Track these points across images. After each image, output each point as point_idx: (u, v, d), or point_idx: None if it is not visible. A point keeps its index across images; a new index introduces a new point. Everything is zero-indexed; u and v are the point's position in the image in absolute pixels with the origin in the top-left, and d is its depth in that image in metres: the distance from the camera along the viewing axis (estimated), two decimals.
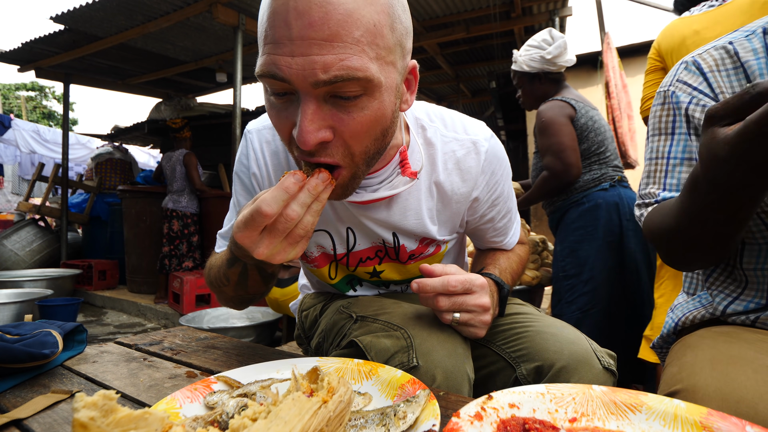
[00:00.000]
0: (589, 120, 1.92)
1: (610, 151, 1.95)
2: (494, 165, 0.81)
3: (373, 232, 0.82)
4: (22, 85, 19.97)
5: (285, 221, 0.53)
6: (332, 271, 0.88)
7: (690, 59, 0.74)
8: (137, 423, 0.37)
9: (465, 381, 0.65)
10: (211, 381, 0.57)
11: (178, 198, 4.21)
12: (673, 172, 0.74)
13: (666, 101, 0.76)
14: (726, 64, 0.70)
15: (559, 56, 1.94)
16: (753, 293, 0.70)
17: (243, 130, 0.86)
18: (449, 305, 0.67)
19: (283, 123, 0.58)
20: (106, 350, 0.82)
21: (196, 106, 6.37)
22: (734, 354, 0.60)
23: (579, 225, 1.91)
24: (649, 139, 0.81)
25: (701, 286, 0.82)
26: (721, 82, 0.70)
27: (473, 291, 0.68)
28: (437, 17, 4.03)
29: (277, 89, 0.56)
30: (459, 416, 0.41)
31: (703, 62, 0.72)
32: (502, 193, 0.86)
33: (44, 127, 8.67)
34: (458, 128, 0.81)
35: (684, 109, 0.73)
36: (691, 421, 0.41)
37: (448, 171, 0.79)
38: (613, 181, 1.91)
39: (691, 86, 0.72)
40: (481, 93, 6.69)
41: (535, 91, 2.06)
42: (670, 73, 0.77)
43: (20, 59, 4.78)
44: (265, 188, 0.80)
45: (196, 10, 3.58)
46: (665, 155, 0.76)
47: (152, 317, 4.17)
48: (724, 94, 0.69)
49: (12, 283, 4.04)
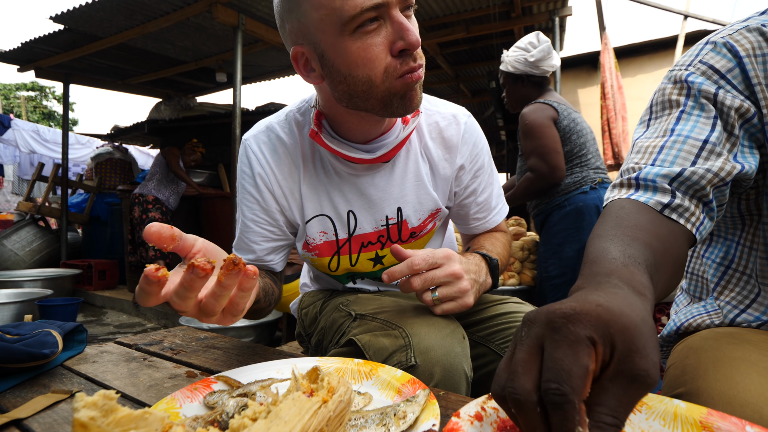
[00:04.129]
0: (571, 122, 1.94)
1: (591, 153, 1.97)
2: (474, 137, 0.90)
3: (377, 207, 0.85)
4: (22, 85, 19.97)
5: (175, 306, 0.47)
6: (333, 263, 0.89)
7: (721, 40, 0.61)
8: (137, 423, 0.37)
9: (463, 379, 0.66)
10: (211, 381, 0.57)
11: (145, 183, 4.10)
12: (671, 149, 0.60)
13: (678, 83, 0.64)
14: (763, 49, 0.58)
15: (541, 60, 1.97)
16: (764, 307, 0.68)
17: (243, 130, 0.87)
18: (421, 283, 0.69)
19: (380, 48, 0.67)
20: (106, 350, 0.82)
21: (196, 106, 6.37)
22: (738, 356, 0.59)
23: (561, 227, 1.95)
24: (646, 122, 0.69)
25: (708, 292, 0.79)
26: (759, 71, 0.58)
27: (439, 263, 0.70)
28: (437, 17, 4.03)
29: (371, 19, 0.65)
30: (459, 416, 0.41)
31: (738, 45, 0.59)
32: (483, 165, 0.92)
33: (44, 127, 8.66)
34: (439, 105, 0.91)
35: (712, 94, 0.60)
36: (691, 421, 0.41)
37: (434, 140, 0.88)
38: (594, 183, 1.93)
39: (720, 72, 0.60)
40: (481, 93, 6.69)
41: (517, 93, 2.10)
42: (690, 53, 0.65)
43: (20, 59, 4.78)
44: (272, 185, 0.84)
45: (196, 10, 3.58)
46: (667, 132, 0.62)
47: (152, 317, 4.17)
48: (762, 86, 0.58)
49: (12, 283, 4.04)
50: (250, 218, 0.85)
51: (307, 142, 0.84)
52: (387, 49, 0.67)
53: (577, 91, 4.87)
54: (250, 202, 0.85)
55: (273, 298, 0.84)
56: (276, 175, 0.84)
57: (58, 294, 3.83)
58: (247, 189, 0.85)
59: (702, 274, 0.80)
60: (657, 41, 4.27)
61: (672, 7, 4.02)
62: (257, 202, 0.84)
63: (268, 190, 0.84)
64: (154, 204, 4.06)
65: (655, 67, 4.32)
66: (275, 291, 0.85)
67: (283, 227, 0.87)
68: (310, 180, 0.84)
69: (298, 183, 0.85)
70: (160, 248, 0.46)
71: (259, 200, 0.84)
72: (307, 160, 0.84)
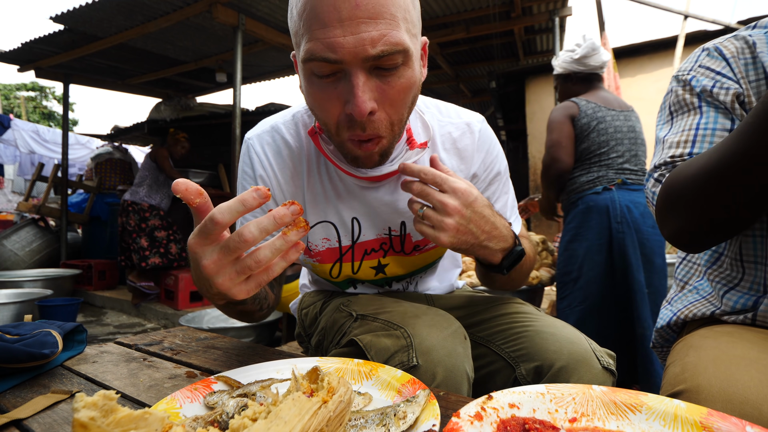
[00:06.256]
0: (593, 120, 1.95)
1: (617, 152, 1.95)
2: (488, 144, 0.86)
3: (381, 218, 0.83)
4: (22, 85, 19.96)
5: (237, 240, 0.48)
6: (335, 270, 0.88)
7: (712, 46, 0.76)
8: (137, 423, 0.37)
9: (464, 380, 0.65)
10: (211, 381, 0.57)
11: (136, 189, 4.04)
12: (702, 142, 0.71)
13: (687, 86, 0.77)
14: (745, 53, 0.73)
15: (586, 57, 2.04)
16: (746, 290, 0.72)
17: (243, 130, 0.87)
18: (416, 191, 0.67)
19: (332, 102, 0.63)
20: (106, 350, 0.82)
21: (196, 106, 6.37)
22: (737, 354, 0.60)
23: (573, 225, 2.01)
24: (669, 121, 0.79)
25: (699, 275, 0.83)
26: (742, 69, 0.72)
27: (444, 189, 0.66)
28: (437, 17, 4.03)
29: (325, 71, 0.61)
30: (459, 416, 0.41)
31: (725, 49, 0.74)
32: (499, 173, 0.88)
33: (44, 127, 8.66)
34: (452, 114, 0.86)
35: (709, 90, 0.73)
36: (692, 421, 0.41)
37: (447, 151, 0.84)
38: (610, 184, 1.93)
39: (714, 71, 0.74)
40: (481, 93, 6.69)
41: (566, 91, 2.18)
42: (689, 59, 0.79)
43: (20, 59, 4.78)
44: (274, 188, 0.81)
45: (195, 10, 3.58)
46: (693, 126, 0.73)
47: (152, 317, 4.17)
48: (745, 80, 0.71)
49: (12, 283, 4.03)
50: (250, 219, 0.84)
51: (312, 147, 0.81)
52: (341, 105, 0.63)
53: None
54: None
55: (265, 303, 0.80)
56: (279, 178, 0.81)
57: (58, 294, 3.82)
58: (247, 189, 0.83)
59: (696, 260, 0.85)
60: (657, 41, 4.27)
61: (672, 7, 4.02)
62: None
63: None
64: (151, 211, 4.03)
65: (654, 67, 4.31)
66: (268, 296, 0.81)
67: None
68: (313, 186, 0.82)
69: (301, 188, 0.82)
70: (186, 201, 0.50)
71: None
72: (312, 165, 0.82)
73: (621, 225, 1.88)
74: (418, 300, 0.93)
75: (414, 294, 0.96)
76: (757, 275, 0.70)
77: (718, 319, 0.76)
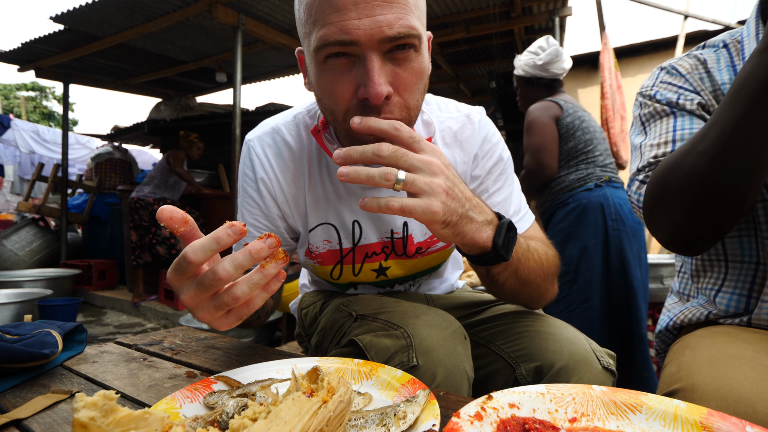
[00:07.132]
0: (576, 119, 1.94)
1: (599, 151, 1.96)
2: (486, 131, 0.86)
3: (383, 220, 0.82)
4: (22, 85, 19.96)
5: (212, 278, 0.46)
6: (336, 272, 0.88)
7: (668, 65, 0.83)
8: (137, 423, 0.37)
9: (464, 380, 0.65)
10: (211, 381, 0.57)
11: (141, 188, 4.09)
12: (681, 140, 0.74)
13: (652, 99, 0.81)
14: (699, 69, 0.79)
15: (549, 63, 2.00)
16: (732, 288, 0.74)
17: (243, 130, 0.86)
18: (391, 152, 0.53)
19: (345, 86, 0.61)
20: (106, 350, 0.82)
21: (196, 106, 6.37)
22: (733, 353, 0.61)
23: (564, 226, 1.95)
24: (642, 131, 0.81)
25: (691, 281, 0.85)
26: (699, 82, 0.78)
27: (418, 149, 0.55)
28: (437, 17, 4.03)
29: (339, 58, 0.60)
30: (459, 416, 0.41)
31: (680, 67, 0.81)
32: (500, 159, 0.85)
33: (44, 127, 8.65)
34: (452, 108, 0.87)
35: (675, 102, 0.78)
36: (691, 421, 0.41)
37: (447, 145, 0.84)
38: (600, 181, 1.92)
39: (676, 85, 0.80)
40: (481, 93, 6.69)
41: (528, 95, 2.14)
42: (650, 78, 0.85)
43: (20, 59, 4.78)
44: (275, 191, 0.81)
45: (195, 10, 3.57)
46: (671, 129, 0.76)
47: (152, 317, 4.17)
48: (705, 91, 0.77)
49: (12, 283, 4.03)
50: (251, 223, 0.83)
51: (314, 148, 0.81)
52: (353, 90, 0.61)
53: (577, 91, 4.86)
54: (252, 207, 0.83)
55: (263, 312, 0.80)
56: (280, 181, 0.81)
57: (58, 294, 3.83)
58: (248, 193, 0.82)
59: (685, 271, 0.88)
60: (657, 41, 4.27)
61: (672, 7, 4.02)
62: (258, 207, 0.82)
63: (270, 196, 0.81)
64: (159, 203, 4.06)
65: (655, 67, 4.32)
66: (266, 304, 0.79)
67: (284, 233, 0.85)
68: (315, 188, 0.82)
69: (302, 190, 0.82)
70: (171, 230, 0.48)
71: (261, 205, 0.82)
72: (313, 167, 0.81)
73: (616, 222, 1.86)
74: (418, 300, 0.93)
75: (414, 294, 0.96)
76: (742, 273, 0.74)
77: (715, 322, 0.77)
